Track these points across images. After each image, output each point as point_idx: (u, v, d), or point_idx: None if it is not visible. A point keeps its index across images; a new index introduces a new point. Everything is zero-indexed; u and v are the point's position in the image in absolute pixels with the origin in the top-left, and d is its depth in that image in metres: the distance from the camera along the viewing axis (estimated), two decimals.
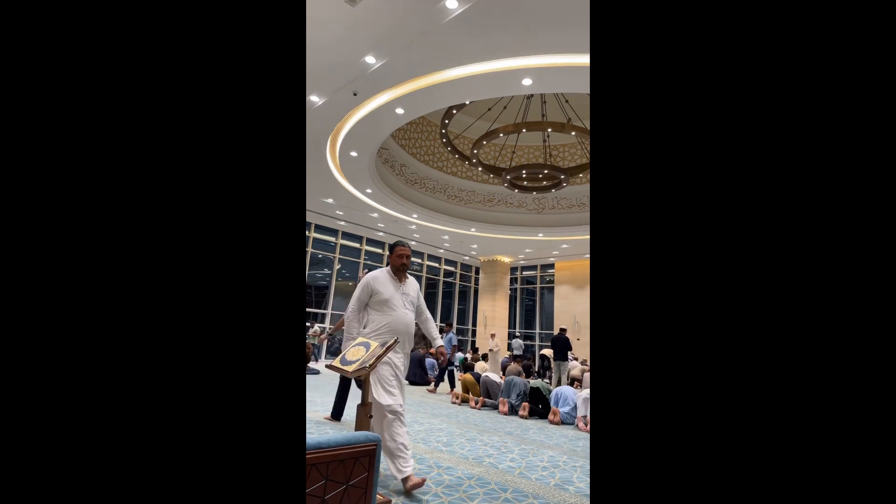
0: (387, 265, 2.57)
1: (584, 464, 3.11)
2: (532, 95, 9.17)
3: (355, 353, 2.13)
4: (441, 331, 7.83)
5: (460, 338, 15.78)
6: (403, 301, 2.47)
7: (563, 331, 8.80)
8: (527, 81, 5.43)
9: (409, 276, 2.60)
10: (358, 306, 2.46)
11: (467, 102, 7.71)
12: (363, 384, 2.06)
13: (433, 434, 3.73)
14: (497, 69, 5.17)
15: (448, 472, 2.66)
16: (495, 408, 5.42)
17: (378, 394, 2.30)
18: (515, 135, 10.29)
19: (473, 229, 12.01)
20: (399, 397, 2.33)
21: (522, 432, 4.08)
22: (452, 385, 7.00)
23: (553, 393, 5.08)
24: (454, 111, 8.31)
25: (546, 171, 9.10)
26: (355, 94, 5.77)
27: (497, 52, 4.84)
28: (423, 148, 11.24)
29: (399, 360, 2.42)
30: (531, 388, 5.25)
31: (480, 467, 2.83)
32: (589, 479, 2.72)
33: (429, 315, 2.68)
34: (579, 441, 3.85)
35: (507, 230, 12.17)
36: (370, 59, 5.00)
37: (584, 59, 4.88)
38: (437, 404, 5.54)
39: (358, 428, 2.01)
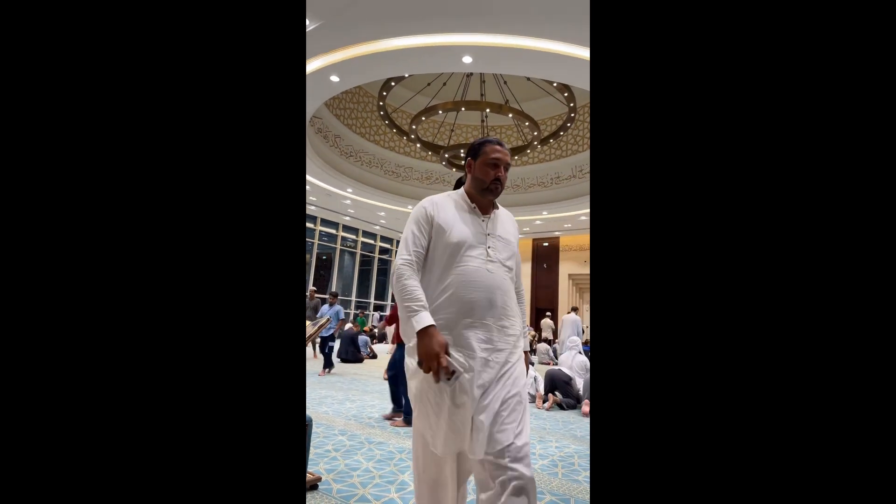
0: (456, 186, 1.46)
1: None
2: (472, 74, 9.15)
3: None
4: (325, 302, 6.45)
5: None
6: (489, 248, 1.27)
7: None
8: (467, 59, 5.40)
9: (498, 205, 1.41)
10: (413, 256, 1.25)
11: (407, 75, 7.50)
12: None
13: (365, 410, 3.75)
14: (438, 43, 5.07)
15: (380, 447, 2.69)
16: None
17: (422, 417, 1.22)
18: (454, 113, 10.24)
19: (410, 206, 11.93)
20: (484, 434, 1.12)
21: None
22: (327, 365, 5.96)
23: None
24: (393, 83, 8.06)
25: None
26: None
27: (438, 25, 4.74)
28: (359, 119, 10.84)
29: (481, 345, 1.18)
30: None
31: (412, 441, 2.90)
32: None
33: (520, 284, 1.41)
34: None
35: None
36: None
37: (524, 42, 4.95)
38: (369, 381, 5.54)
39: None
